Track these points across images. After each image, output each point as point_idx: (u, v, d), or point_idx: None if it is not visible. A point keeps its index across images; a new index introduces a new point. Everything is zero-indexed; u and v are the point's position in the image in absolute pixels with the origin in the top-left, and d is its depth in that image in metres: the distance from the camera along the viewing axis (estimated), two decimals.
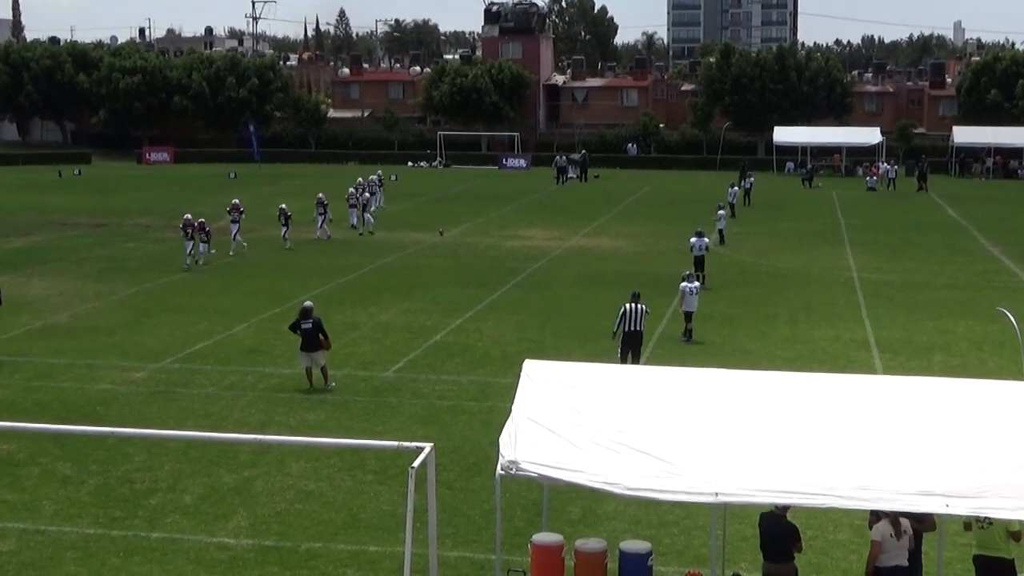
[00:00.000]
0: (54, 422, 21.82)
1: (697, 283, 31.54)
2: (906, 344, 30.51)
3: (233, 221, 47.10)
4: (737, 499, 12.27)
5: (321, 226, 51.56)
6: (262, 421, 23.41)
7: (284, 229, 48.84)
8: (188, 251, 43.25)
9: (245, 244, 47.09)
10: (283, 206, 49.74)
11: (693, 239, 38.72)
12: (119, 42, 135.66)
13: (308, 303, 26.84)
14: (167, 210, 61.27)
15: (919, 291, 38.51)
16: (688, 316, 30.70)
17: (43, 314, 34.40)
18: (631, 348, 26.28)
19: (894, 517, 13.46)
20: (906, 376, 18.77)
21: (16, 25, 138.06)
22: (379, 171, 72.67)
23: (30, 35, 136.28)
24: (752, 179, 69.53)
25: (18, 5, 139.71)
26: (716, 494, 12.08)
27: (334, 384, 25.93)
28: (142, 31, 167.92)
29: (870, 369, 27.08)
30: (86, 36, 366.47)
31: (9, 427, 18.75)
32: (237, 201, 48.35)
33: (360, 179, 65.01)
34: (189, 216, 44.15)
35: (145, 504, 18.80)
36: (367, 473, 20.17)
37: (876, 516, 13.70)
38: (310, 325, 25.69)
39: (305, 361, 25.84)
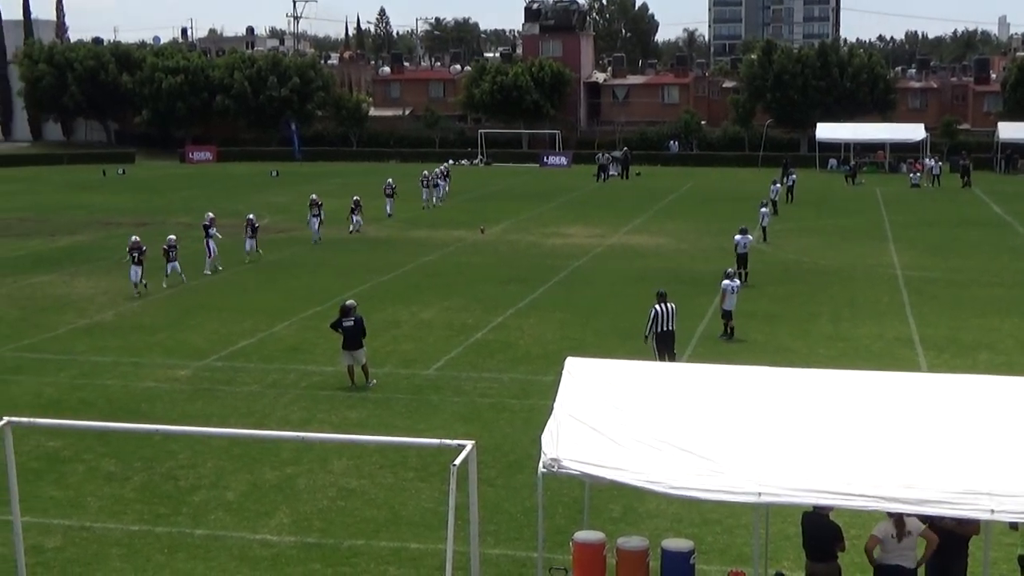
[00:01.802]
0: (99, 419, 21.97)
1: (738, 282, 31.35)
2: (951, 342, 30.26)
3: (208, 237, 42.29)
4: (780, 499, 12.21)
5: (314, 228, 49.98)
6: (304, 419, 23.50)
7: (250, 242, 44.61)
8: (136, 278, 37.31)
9: (220, 267, 42.30)
10: (250, 216, 46.00)
11: (738, 236, 38.55)
12: (162, 42, 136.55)
13: (350, 301, 26.94)
14: (210, 209, 61.55)
15: (964, 288, 38.19)
16: (728, 314, 30.55)
17: (88, 312, 34.68)
18: (666, 348, 26.08)
19: (899, 518, 13.34)
20: (951, 374, 18.62)
21: (60, 26, 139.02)
22: (446, 163, 77.01)
23: (74, 36, 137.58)
24: (794, 176, 69.20)
25: (62, 6, 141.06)
26: (759, 494, 12.01)
27: (375, 381, 26.00)
28: (184, 31, 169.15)
29: (914, 367, 26.85)
30: (129, 37, 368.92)
31: (55, 424, 18.93)
32: (212, 215, 43.80)
33: (425, 172, 67.49)
34: (137, 238, 38.32)
35: (189, 501, 18.92)
36: (409, 471, 20.21)
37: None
38: (352, 323, 25.77)
39: (346, 359, 25.91)
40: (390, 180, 61.99)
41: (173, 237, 39.66)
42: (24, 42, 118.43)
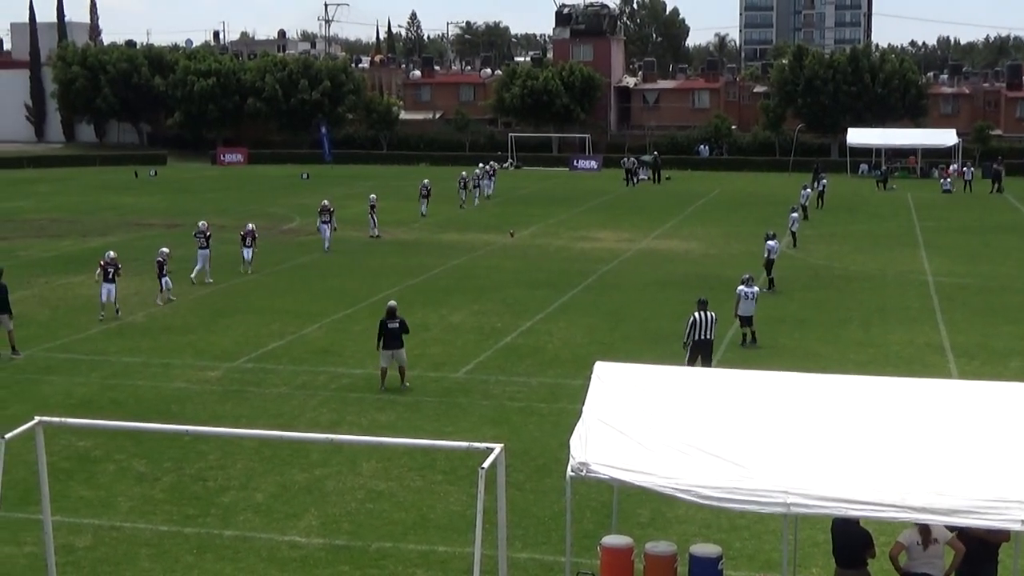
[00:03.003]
0: (130, 420, 22.05)
1: (756, 287, 30.83)
2: (982, 349, 30.09)
3: (201, 247, 39.75)
4: (809, 511, 12.13)
5: (325, 235, 47.74)
6: (333, 421, 23.56)
7: (247, 251, 42.43)
8: (106, 297, 33.77)
9: (210, 279, 40.00)
10: (250, 226, 43.55)
11: (771, 242, 38.24)
12: (194, 45, 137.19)
13: (393, 302, 26.76)
14: (241, 211, 61.91)
15: (996, 295, 37.96)
16: (745, 320, 30.25)
17: (120, 313, 34.82)
18: (702, 356, 25.74)
19: (925, 525, 13.25)
20: (982, 381, 18.51)
21: (94, 29, 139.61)
22: (492, 162, 78.99)
23: (107, 39, 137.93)
24: (824, 181, 68.88)
25: (96, 9, 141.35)
26: (788, 505, 11.96)
27: (408, 384, 26.01)
28: (216, 34, 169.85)
29: (945, 374, 26.74)
30: (162, 39, 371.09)
31: (86, 424, 19.02)
32: (205, 224, 41.25)
33: (463, 173, 68.75)
34: (112, 254, 34.65)
35: (218, 502, 19.00)
36: (437, 473, 20.24)
37: None
38: (397, 324, 25.79)
39: (385, 360, 25.91)
40: (426, 181, 62.89)
41: (166, 250, 37.08)
42: (58, 44, 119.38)
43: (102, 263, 33.94)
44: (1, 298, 29.24)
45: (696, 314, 25.98)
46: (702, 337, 25.84)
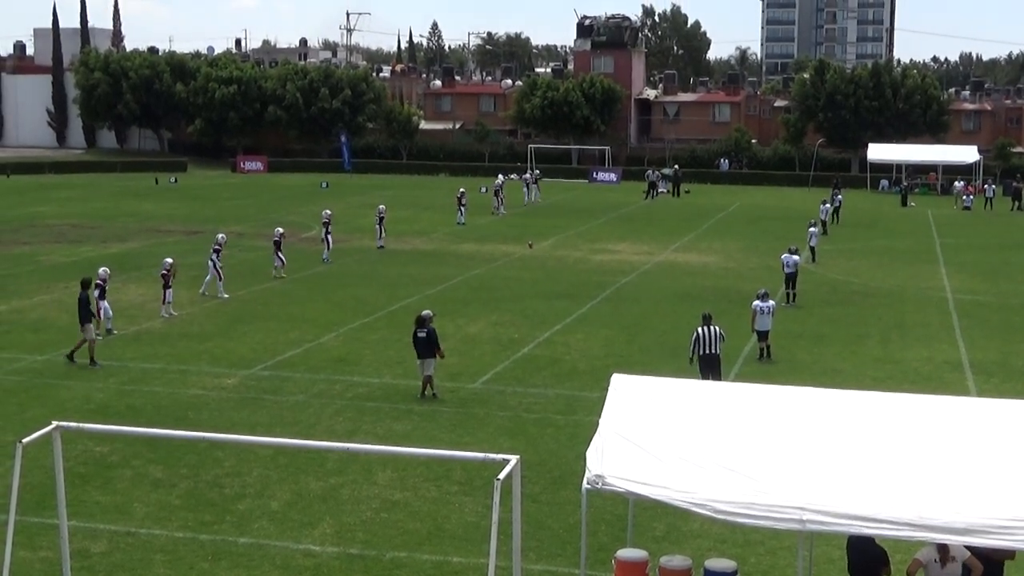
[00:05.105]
0: (147, 426, 22.12)
1: (772, 302, 30.56)
2: (1001, 366, 29.96)
3: (214, 258, 38.77)
4: (824, 528, 12.08)
5: (328, 245, 47.90)
6: (349, 430, 23.57)
7: (280, 260, 43.16)
8: (104, 315, 32.18)
9: (208, 293, 39.03)
10: (279, 230, 44.39)
11: (784, 256, 38.21)
12: (216, 53, 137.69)
13: (426, 312, 26.75)
14: (260, 219, 62.08)
15: (1015, 312, 37.80)
16: (762, 335, 30.18)
17: (138, 319, 34.96)
18: (710, 372, 25.45)
19: (942, 544, 13.17)
20: (1001, 399, 18.44)
21: (116, 35, 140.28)
22: (536, 170, 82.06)
23: (130, 45, 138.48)
24: (840, 198, 68.58)
25: (119, 16, 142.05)
26: (804, 522, 11.91)
27: (428, 394, 25.99)
28: (238, 42, 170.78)
29: (963, 391, 26.60)
30: (184, 46, 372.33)
31: (103, 430, 19.09)
32: (223, 235, 40.86)
33: (497, 181, 70.61)
34: (106, 269, 33.52)
35: (233, 509, 19.02)
36: (452, 484, 20.23)
37: None
38: (424, 334, 25.80)
39: (420, 369, 26.09)
40: (463, 189, 64.15)
41: (170, 260, 35.96)
42: (81, 50, 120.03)
43: (98, 281, 32.21)
44: (83, 307, 29.57)
45: (699, 329, 25.81)
46: (707, 352, 25.62)
